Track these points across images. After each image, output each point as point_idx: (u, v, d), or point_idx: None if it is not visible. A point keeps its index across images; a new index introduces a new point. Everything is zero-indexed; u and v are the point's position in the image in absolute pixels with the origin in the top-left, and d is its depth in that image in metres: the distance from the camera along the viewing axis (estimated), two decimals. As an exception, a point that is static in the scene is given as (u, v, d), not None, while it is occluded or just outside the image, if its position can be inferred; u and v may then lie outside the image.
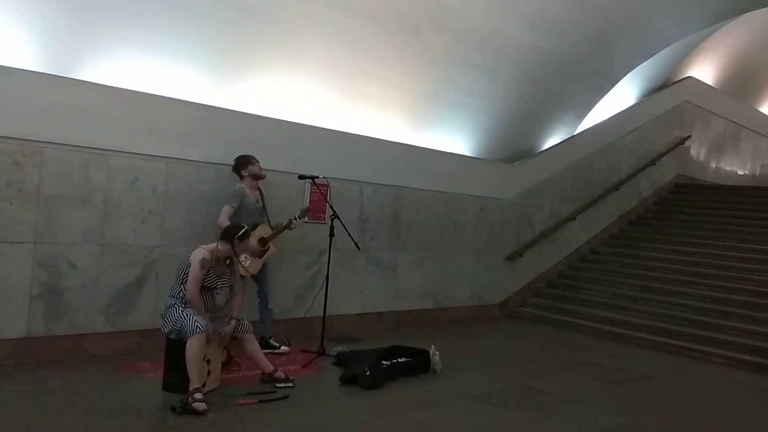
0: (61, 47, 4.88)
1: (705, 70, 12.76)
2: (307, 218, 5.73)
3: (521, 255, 8.77)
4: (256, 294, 5.57)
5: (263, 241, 5.36)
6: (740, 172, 14.83)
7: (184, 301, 4.23)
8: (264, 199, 5.51)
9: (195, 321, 4.09)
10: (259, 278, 5.51)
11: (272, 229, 5.46)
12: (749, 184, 14.58)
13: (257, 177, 5.43)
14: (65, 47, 4.90)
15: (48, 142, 4.64)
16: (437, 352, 5.37)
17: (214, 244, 4.41)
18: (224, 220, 5.07)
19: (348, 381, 4.76)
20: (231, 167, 5.44)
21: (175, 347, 4.16)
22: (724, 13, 9.09)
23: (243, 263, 5.10)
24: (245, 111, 5.81)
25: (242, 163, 5.40)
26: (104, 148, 4.91)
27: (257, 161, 5.44)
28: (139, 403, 4.00)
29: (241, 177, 5.41)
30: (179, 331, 4.13)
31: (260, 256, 5.32)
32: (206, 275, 4.30)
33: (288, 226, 5.46)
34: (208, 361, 4.25)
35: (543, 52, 7.98)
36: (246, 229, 4.49)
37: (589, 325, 7.85)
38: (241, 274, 5.10)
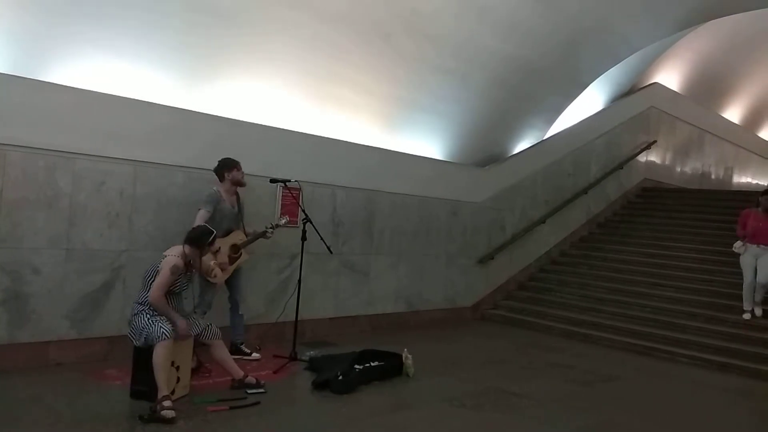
0: (27, 48, 4.77)
1: (670, 76, 13.07)
2: (284, 222, 5.65)
3: (493, 258, 8.85)
4: (227, 299, 5.50)
5: (235, 248, 5.29)
6: (704, 176, 15.21)
7: (151, 308, 4.15)
8: (241, 205, 5.45)
9: (161, 327, 4.02)
10: (232, 284, 5.44)
11: (246, 235, 5.40)
12: (713, 187, 14.96)
13: (238, 184, 5.36)
14: (32, 48, 4.79)
15: (12, 145, 4.52)
16: (410, 356, 5.38)
17: (180, 248, 4.33)
18: (199, 225, 4.95)
19: (320, 386, 4.73)
20: (214, 167, 5.33)
21: (142, 354, 4.08)
22: (689, 21, 9.32)
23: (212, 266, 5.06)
24: (216, 114, 5.75)
25: (227, 166, 5.30)
26: (71, 151, 4.80)
27: (241, 168, 5.36)
28: (107, 411, 3.92)
29: (221, 179, 5.32)
30: (146, 339, 4.05)
31: (231, 263, 5.26)
32: (175, 281, 4.23)
33: (263, 235, 5.40)
34: (177, 368, 4.18)
35: (514, 58, 8.08)
36: (215, 235, 4.44)
37: (560, 326, 7.96)
38: (211, 281, 5.06)
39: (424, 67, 7.45)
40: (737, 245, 7.53)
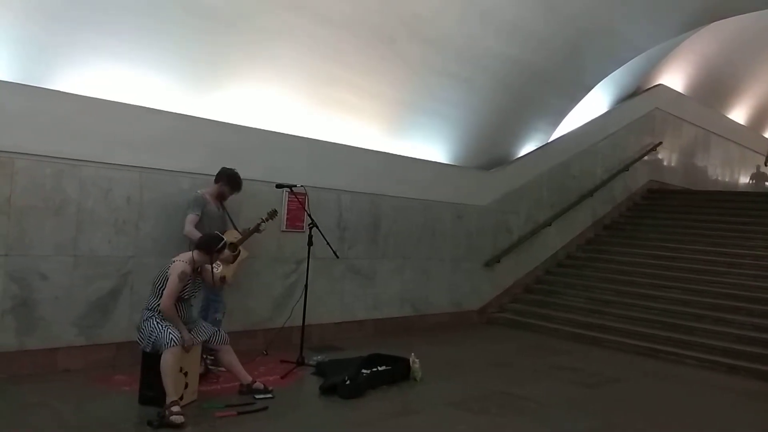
0: (33, 56, 4.81)
1: (675, 77, 13.05)
2: (273, 219, 5.62)
3: (499, 261, 8.85)
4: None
5: (233, 246, 5.30)
6: (710, 178, 15.16)
7: (161, 313, 4.17)
8: (224, 206, 5.44)
9: (170, 333, 4.04)
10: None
11: (241, 234, 5.42)
12: (719, 189, 14.91)
13: (222, 198, 5.37)
14: (38, 56, 4.83)
15: (19, 153, 4.56)
16: (417, 360, 5.38)
17: (189, 254, 4.35)
18: (191, 229, 4.97)
19: (328, 390, 4.74)
20: (221, 169, 5.34)
21: (151, 360, 4.10)
22: (692, 23, 9.32)
23: (214, 270, 5.03)
24: (221, 120, 5.78)
25: (227, 180, 5.31)
26: (77, 159, 4.84)
27: (237, 191, 5.40)
28: (115, 417, 3.94)
29: (216, 182, 5.33)
30: (154, 344, 4.07)
31: (232, 262, 5.27)
32: (184, 288, 4.24)
33: (257, 229, 5.41)
34: (186, 374, 4.19)
35: (517, 61, 8.08)
36: (225, 242, 4.45)
37: (566, 329, 7.94)
38: (217, 283, 5.05)
39: (427, 70, 7.46)
40: None
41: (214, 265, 4.86)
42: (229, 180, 5.33)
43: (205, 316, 5.12)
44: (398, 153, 7.59)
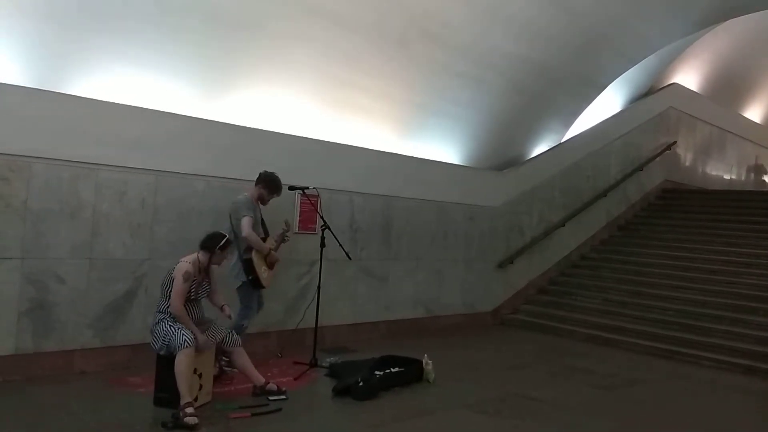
0: (48, 61, 4.86)
1: (689, 76, 12.92)
2: (291, 229, 5.63)
3: (512, 262, 8.80)
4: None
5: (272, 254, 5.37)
6: (726, 177, 14.99)
7: (172, 316, 4.20)
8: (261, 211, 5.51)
9: (183, 335, 4.06)
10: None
11: (274, 241, 5.47)
12: (735, 188, 14.73)
13: (262, 202, 5.38)
14: (53, 61, 4.89)
15: (36, 157, 4.61)
16: (430, 362, 5.37)
17: (195, 255, 4.38)
18: (250, 232, 4.98)
19: (341, 392, 4.74)
20: (265, 172, 5.33)
21: (165, 362, 4.12)
22: (707, 21, 9.22)
23: (263, 275, 5.13)
24: (234, 123, 5.81)
25: (265, 183, 5.30)
26: (93, 162, 4.89)
27: (277, 195, 5.41)
28: (130, 418, 3.96)
29: (257, 185, 5.32)
30: (168, 346, 4.10)
31: (271, 268, 5.31)
32: (190, 288, 4.27)
33: (282, 239, 5.47)
34: (200, 375, 4.22)
35: (529, 61, 8.05)
36: (228, 239, 4.47)
37: (581, 331, 7.88)
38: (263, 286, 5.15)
39: (439, 71, 7.45)
40: None
41: (264, 268, 4.96)
42: (267, 183, 5.33)
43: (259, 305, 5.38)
44: (410, 154, 7.58)
